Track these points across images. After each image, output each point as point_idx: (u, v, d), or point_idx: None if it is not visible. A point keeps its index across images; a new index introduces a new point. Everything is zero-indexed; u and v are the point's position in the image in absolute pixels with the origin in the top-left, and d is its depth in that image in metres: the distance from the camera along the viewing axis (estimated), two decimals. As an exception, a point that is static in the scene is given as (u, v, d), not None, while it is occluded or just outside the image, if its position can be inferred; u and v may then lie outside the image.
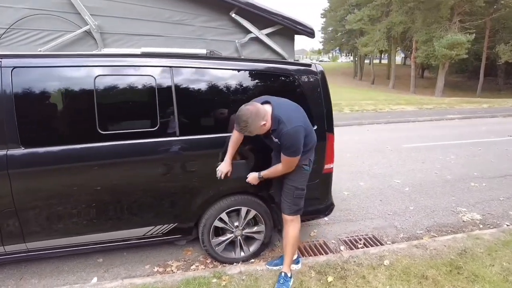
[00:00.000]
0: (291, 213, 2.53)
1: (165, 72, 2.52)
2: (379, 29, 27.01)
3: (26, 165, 2.36)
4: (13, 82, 2.29)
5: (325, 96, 2.92)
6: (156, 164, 2.55)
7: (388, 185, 4.84)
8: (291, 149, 2.28)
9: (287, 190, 2.51)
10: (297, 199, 2.51)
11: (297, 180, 2.48)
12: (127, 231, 2.66)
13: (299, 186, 2.49)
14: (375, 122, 10.68)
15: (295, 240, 2.56)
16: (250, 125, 2.19)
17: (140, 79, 2.50)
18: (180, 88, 2.55)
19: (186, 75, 2.58)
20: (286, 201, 2.53)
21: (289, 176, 2.48)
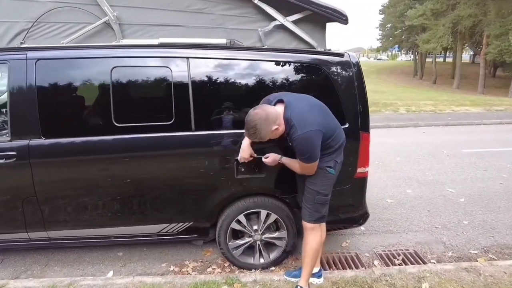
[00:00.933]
0: (312, 221, 2.25)
1: (181, 63, 2.39)
2: (443, 24, 24.77)
3: (46, 155, 2.40)
4: (36, 74, 2.33)
5: (360, 90, 2.57)
6: (168, 159, 2.44)
7: (440, 194, 4.26)
8: (304, 156, 2.03)
9: (308, 194, 2.24)
10: (319, 205, 2.23)
11: (319, 183, 2.19)
12: (141, 227, 2.60)
13: (321, 191, 2.20)
14: (432, 124, 9.72)
15: (314, 252, 2.28)
16: (259, 131, 1.97)
17: (155, 71, 2.41)
18: (196, 80, 2.40)
19: (204, 66, 2.43)
20: (306, 206, 2.26)
21: (310, 178, 2.21)
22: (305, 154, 2.01)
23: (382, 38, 46.17)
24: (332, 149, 2.12)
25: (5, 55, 2.35)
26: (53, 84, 2.38)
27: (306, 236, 2.29)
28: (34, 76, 2.33)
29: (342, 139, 2.18)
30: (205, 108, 2.44)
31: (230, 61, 2.45)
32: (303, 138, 1.96)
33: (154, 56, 2.40)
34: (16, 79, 2.32)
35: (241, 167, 2.47)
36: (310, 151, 2.00)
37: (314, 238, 2.27)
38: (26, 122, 2.35)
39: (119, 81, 2.38)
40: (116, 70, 2.37)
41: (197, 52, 2.41)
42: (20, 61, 2.32)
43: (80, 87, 2.41)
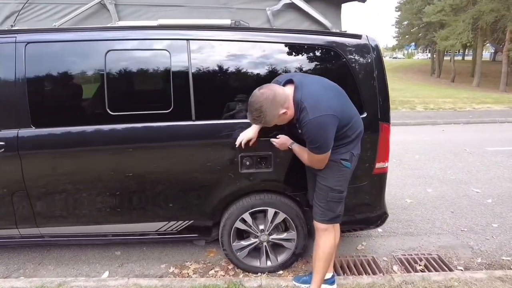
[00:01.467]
0: (324, 221, 2.00)
1: (181, 45, 2.18)
2: (463, 20, 23.87)
3: (36, 146, 2.23)
4: (26, 57, 2.17)
5: (380, 76, 2.30)
6: (166, 151, 2.24)
7: (464, 194, 3.93)
8: (314, 144, 1.77)
9: (320, 191, 1.98)
10: (333, 203, 1.97)
11: (332, 178, 1.93)
12: (138, 225, 2.40)
13: (335, 187, 1.94)
14: (452, 122, 9.29)
15: (327, 256, 2.03)
16: (265, 114, 1.72)
17: (153, 54, 2.21)
18: (197, 64, 2.19)
19: (206, 49, 2.21)
20: (318, 205, 2.00)
21: (322, 173, 1.95)
22: (315, 143, 1.76)
23: (398, 36, 45.21)
24: (349, 139, 1.86)
25: (-7, 38, 2.19)
26: (44, 69, 2.21)
27: (318, 238, 2.05)
28: (24, 60, 2.16)
29: (359, 129, 1.92)
30: (206, 96, 2.22)
31: (234, 43, 2.22)
32: (314, 124, 1.70)
33: (152, 38, 2.20)
34: (4, 64, 2.16)
35: (246, 161, 2.24)
36: (322, 139, 1.74)
37: (327, 241, 2.02)
38: (15, 111, 2.18)
39: (114, 66, 2.19)
40: (111, 53, 2.18)
41: (198, 33, 2.20)
42: (8, 44, 2.16)
43: (72, 72, 2.22)
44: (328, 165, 1.90)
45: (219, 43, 2.21)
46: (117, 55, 2.19)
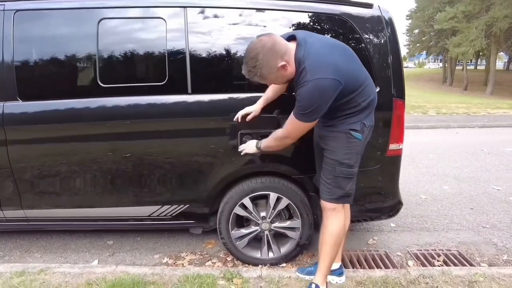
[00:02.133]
0: (332, 199, 1.77)
1: (177, 13, 2.03)
2: (476, 27, 23.49)
3: (22, 120, 2.09)
4: (14, 27, 2.04)
5: (394, 49, 2.11)
6: (159, 126, 2.07)
7: (484, 192, 3.65)
8: (304, 110, 1.56)
9: (327, 166, 1.76)
10: (341, 179, 1.74)
11: (340, 151, 1.71)
12: (130, 208, 2.23)
13: (343, 161, 1.71)
14: (466, 126, 8.94)
15: (335, 240, 1.80)
16: (261, 64, 1.50)
17: (148, 22, 2.07)
18: (194, 33, 2.03)
19: (202, 16, 2.05)
20: (325, 181, 1.78)
21: (330, 146, 1.74)
22: (307, 108, 1.53)
23: (409, 44, 44.80)
24: (359, 107, 1.65)
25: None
26: (33, 39, 2.08)
27: (325, 220, 1.82)
28: (12, 30, 2.04)
29: (372, 96, 1.71)
30: (204, 68, 2.06)
31: (234, 10, 2.06)
32: (312, 86, 1.49)
33: (146, 6, 2.06)
34: None
35: (246, 138, 2.05)
36: (315, 104, 1.52)
37: (335, 221, 1.79)
38: (1, 83, 2.05)
39: (107, 35, 2.05)
40: (104, 22, 2.04)
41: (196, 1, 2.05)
42: None
43: (63, 42, 2.09)
44: (336, 136, 1.70)
45: (219, 11, 2.06)
46: (111, 23, 2.05)
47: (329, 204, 1.78)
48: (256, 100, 1.98)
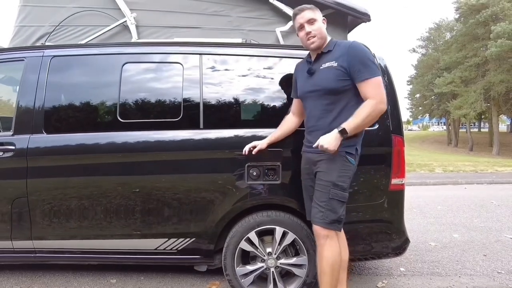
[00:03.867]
0: (325, 223, 1.77)
1: (193, 59, 2.28)
2: (474, 91, 24.52)
3: (45, 151, 2.24)
4: (49, 69, 2.31)
5: (390, 91, 2.29)
6: (171, 160, 2.19)
7: (496, 240, 3.56)
8: (370, 62, 1.74)
9: (321, 189, 1.79)
10: (335, 202, 1.76)
11: (335, 172, 1.75)
12: (137, 241, 2.25)
13: (338, 183, 1.75)
14: (474, 182, 8.87)
15: (332, 268, 1.78)
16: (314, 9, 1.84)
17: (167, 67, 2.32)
18: (208, 76, 2.26)
19: (216, 62, 2.30)
20: (318, 205, 1.79)
21: (323, 167, 1.79)
22: (371, 61, 1.74)
23: (411, 108, 46.29)
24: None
25: (24, 53, 2.37)
26: (63, 80, 2.33)
27: (320, 248, 1.81)
28: (47, 72, 2.30)
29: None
30: (215, 105, 2.25)
31: (244, 57, 2.31)
32: (356, 43, 1.79)
33: (166, 52, 2.32)
34: (31, 75, 2.29)
35: (253, 171, 2.15)
36: (373, 59, 1.77)
37: (330, 249, 1.77)
38: (31, 117, 2.24)
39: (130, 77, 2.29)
40: (127, 66, 2.29)
41: (210, 49, 2.31)
42: (37, 58, 2.32)
43: (89, 83, 2.34)
44: (331, 158, 1.77)
45: (231, 58, 2.30)
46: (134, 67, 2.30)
47: (323, 230, 1.78)
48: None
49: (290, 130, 2.08)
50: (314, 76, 1.85)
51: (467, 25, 25.11)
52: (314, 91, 1.84)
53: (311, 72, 1.86)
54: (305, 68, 1.94)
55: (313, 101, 1.87)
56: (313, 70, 1.86)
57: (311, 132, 1.91)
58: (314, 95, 1.85)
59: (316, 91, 1.83)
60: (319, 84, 1.81)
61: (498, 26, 21.26)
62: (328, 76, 1.78)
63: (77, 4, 2.52)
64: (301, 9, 1.83)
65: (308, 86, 1.88)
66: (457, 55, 26.43)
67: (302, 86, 1.94)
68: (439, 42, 34.70)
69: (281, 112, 2.22)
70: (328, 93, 1.79)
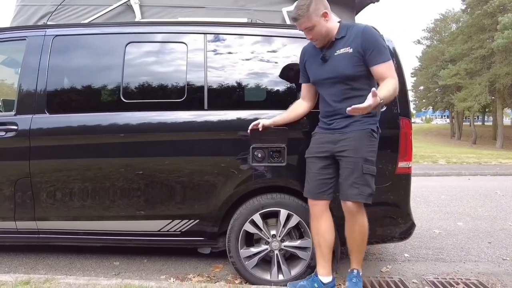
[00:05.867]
0: (363, 197, 1.81)
1: (198, 38, 2.23)
2: (479, 83, 24.26)
3: (48, 132, 2.21)
4: (51, 49, 2.27)
5: (398, 73, 2.22)
6: (175, 140, 2.16)
7: (501, 228, 3.54)
8: (384, 49, 1.78)
9: (351, 166, 1.80)
10: (368, 176, 1.80)
11: (365, 148, 1.80)
12: (140, 222, 2.24)
13: (369, 158, 1.80)
14: (478, 173, 8.81)
15: (364, 235, 1.88)
16: (309, 3, 1.74)
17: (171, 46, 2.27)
18: (213, 56, 2.22)
19: (221, 42, 2.25)
20: (353, 182, 1.79)
21: (350, 145, 1.81)
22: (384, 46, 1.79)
23: (415, 100, 45.95)
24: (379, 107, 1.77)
25: (25, 32, 2.34)
26: (66, 60, 2.30)
27: (352, 221, 1.85)
28: (49, 52, 2.26)
29: None
30: (220, 86, 2.21)
31: (250, 37, 2.26)
32: (369, 27, 1.79)
33: (170, 32, 2.28)
34: (33, 55, 2.26)
35: (258, 153, 2.12)
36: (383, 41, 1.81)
37: (362, 219, 1.86)
38: (33, 97, 2.22)
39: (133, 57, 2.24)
40: (131, 45, 2.25)
41: (215, 29, 2.26)
42: (39, 37, 2.28)
43: (92, 63, 2.30)
44: (356, 136, 1.81)
45: (236, 37, 2.25)
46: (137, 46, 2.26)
47: (355, 206, 1.82)
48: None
49: (300, 115, 2.05)
50: (329, 63, 1.86)
51: (474, 16, 24.73)
52: (331, 78, 1.86)
53: (325, 59, 1.86)
54: (315, 53, 1.92)
55: (329, 87, 1.88)
56: (327, 56, 1.86)
57: (329, 116, 1.92)
58: (331, 82, 1.86)
59: (333, 78, 1.85)
60: (336, 71, 1.83)
61: (505, 17, 20.91)
62: (345, 63, 1.81)
63: (78, -18, 2.47)
64: (295, 18, 1.80)
65: (324, 73, 1.88)
66: (462, 47, 26.09)
67: (316, 73, 1.92)
68: (444, 33, 34.27)
69: (287, 93, 2.18)
70: (345, 79, 1.82)
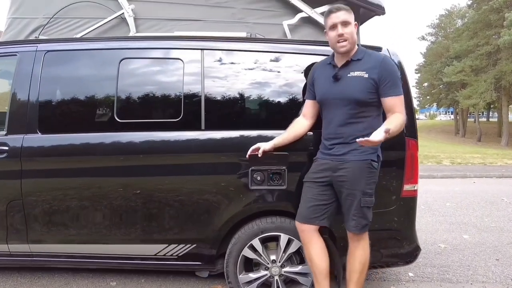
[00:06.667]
0: (359, 230, 1.82)
1: (195, 55, 2.14)
2: (485, 80, 23.93)
3: (40, 152, 2.14)
4: (43, 65, 2.18)
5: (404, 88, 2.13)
6: (171, 162, 2.08)
7: (509, 242, 3.44)
8: (399, 82, 1.79)
9: (350, 197, 1.79)
10: (366, 209, 1.79)
11: (363, 180, 1.76)
12: (136, 246, 2.17)
13: (367, 190, 1.77)
14: (484, 175, 8.69)
15: (363, 267, 1.84)
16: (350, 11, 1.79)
17: (167, 63, 2.18)
18: (210, 73, 2.12)
19: (219, 58, 2.16)
20: (351, 214, 1.81)
21: (350, 176, 1.77)
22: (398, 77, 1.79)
23: (419, 97, 45.60)
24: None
25: (16, 47, 2.25)
26: (58, 77, 2.22)
27: (353, 249, 1.87)
28: (41, 68, 2.17)
29: None
30: (217, 105, 2.12)
31: (249, 53, 2.16)
32: (388, 59, 1.83)
33: (166, 48, 2.18)
34: (24, 71, 2.17)
35: (257, 176, 2.04)
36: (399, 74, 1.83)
37: (363, 249, 1.87)
38: (24, 116, 2.13)
39: (128, 74, 2.15)
40: (125, 62, 2.16)
41: (212, 44, 2.17)
42: (30, 53, 2.20)
43: (85, 80, 2.21)
44: (358, 166, 1.76)
45: (234, 53, 2.16)
46: (131, 63, 2.17)
47: (355, 235, 1.84)
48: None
49: (300, 133, 1.97)
50: (341, 83, 1.80)
51: (480, 12, 24.33)
52: (340, 98, 1.80)
53: (337, 78, 1.80)
54: (327, 71, 1.87)
55: (336, 108, 1.82)
56: (339, 76, 1.80)
57: (331, 139, 1.86)
58: (339, 103, 1.81)
59: (343, 99, 1.80)
60: (347, 93, 1.78)
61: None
62: (358, 86, 1.77)
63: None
64: (338, 8, 1.78)
65: (334, 93, 1.82)
66: (468, 43, 25.73)
67: (325, 91, 1.85)
68: (449, 29, 33.86)
69: (289, 112, 2.09)
70: (354, 103, 1.77)
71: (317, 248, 1.89)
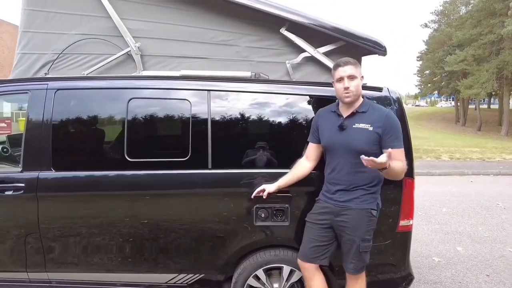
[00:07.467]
0: (356, 272, 1.97)
1: (201, 95, 2.23)
2: (487, 70, 23.77)
3: (54, 188, 2.25)
4: (54, 103, 2.27)
5: (402, 124, 2.23)
6: (180, 199, 2.20)
7: (500, 255, 3.60)
8: (401, 135, 1.90)
9: (349, 242, 1.93)
10: (364, 254, 1.93)
11: (363, 228, 1.90)
12: (149, 275, 2.31)
13: (366, 237, 1.91)
14: (481, 173, 8.86)
15: None
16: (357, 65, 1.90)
17: (174, 103, 2.27)
18: (216, 114, 2.21)
19: (225, 99, 2.24)
20: (350, 257, 1.96)
21: (350, 223, 1.91)
22: (400, 133, 1.90)
23: (420, 85, 45.28)
24: (379, 185, 1.93)
25: (28, 85, 2.33)
26: (69, 115, 2.30)
27: (350, 285, 2.03)
28: (52, 106, 2.26)
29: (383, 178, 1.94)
30: (223, 145, 2.22)
31: (254, 94, 2.25)
32: (392, 114, 1.94)
33: (173, 88, 2.27)
34: (35, 109, 2.26)
35: (261, 213, 2.16)
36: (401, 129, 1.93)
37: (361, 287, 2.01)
38: (38, 154, 2.24)
39: (136, 113, 2.24)
40: (133, 101, 2.25)
41: (218, 84, 2.25)
42: (41, 91, 2.28)
43: (95, 118, 2.31)
44: (358, 214, 1.90)
45: (239, 95, 2.24)
46: (140, 102, 2.26)
47: (354, 276, 1.98)
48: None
49: (303, 175, 2.08)
50: (346, 133, 1.91)
51: (485, 0, 23.97)
52: (345, 147, 1.91)
53: (342, 128, 1.91)
54: (332, 119, 1.98)
55: (341, 157, 1.94)
56: (345, 126, 1.92)
57: (334, 184, 1.97)
58: (343, 152, 1.93)
59: (347, 149, 1.91)
60: (352, 143, 1.89)
61: (516, 2, 20.25)
62: (362, 138, 1.88)
63: (79, 31, 2.42)
64: (345, 62, 1.88)
65: (339, 141, 1.94)
66: (471, 32, 25.40)
67: (331, 138, 1.96)
68: (453, 17, 33.31)
69: (294, 153, 2.19)
70: (358, 153, 1.84)
71: (318, 284, 2.03)
